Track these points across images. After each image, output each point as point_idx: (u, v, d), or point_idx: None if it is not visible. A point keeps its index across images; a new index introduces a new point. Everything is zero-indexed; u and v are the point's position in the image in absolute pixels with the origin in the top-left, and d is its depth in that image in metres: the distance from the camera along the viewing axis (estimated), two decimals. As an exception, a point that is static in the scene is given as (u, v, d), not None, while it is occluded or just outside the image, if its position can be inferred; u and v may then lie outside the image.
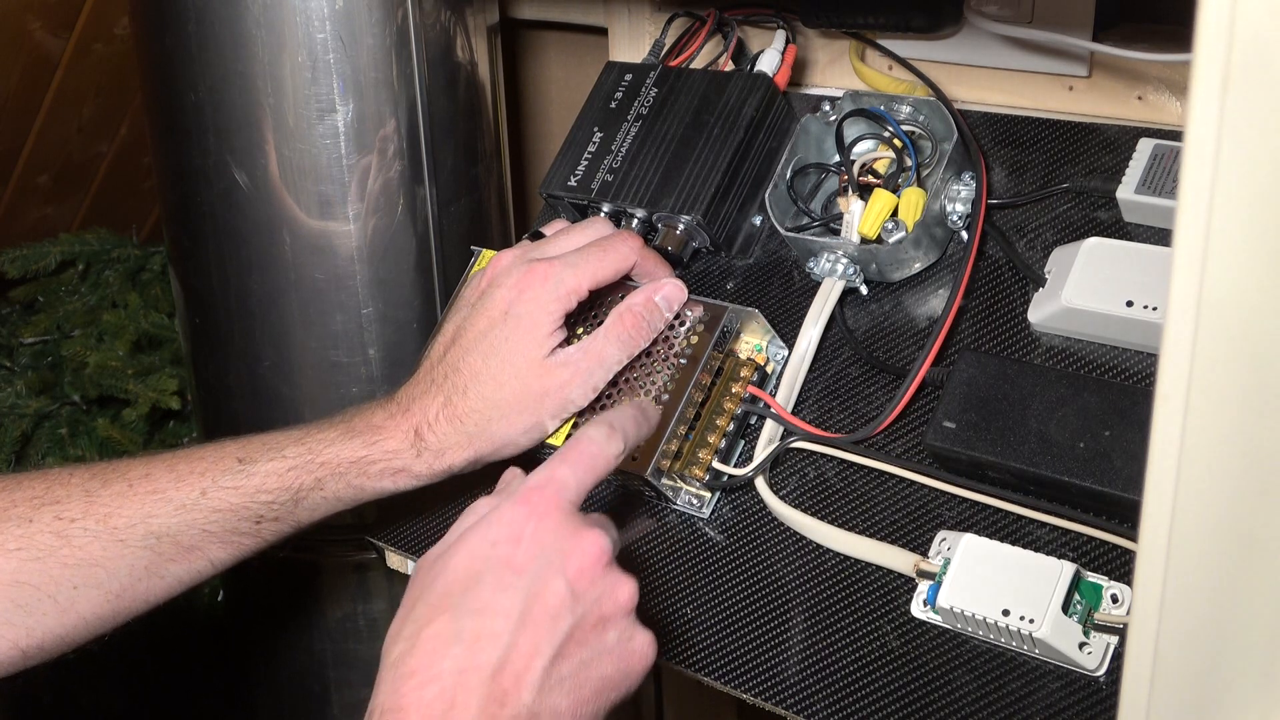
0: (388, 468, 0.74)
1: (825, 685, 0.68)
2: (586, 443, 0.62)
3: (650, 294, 0.76)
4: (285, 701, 1.26)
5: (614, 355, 0.75)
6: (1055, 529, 0.66)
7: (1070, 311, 0.70)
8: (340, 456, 0.73)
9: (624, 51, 1.03)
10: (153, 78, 1.05)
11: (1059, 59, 0.81)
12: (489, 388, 0.74)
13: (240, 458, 0.73)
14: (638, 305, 0.75)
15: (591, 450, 0.62)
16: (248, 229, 1.04)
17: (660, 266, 0.79)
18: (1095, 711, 0.62)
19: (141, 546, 0.71)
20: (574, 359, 0.74)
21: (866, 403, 0.75)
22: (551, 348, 0.74)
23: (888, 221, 0.75)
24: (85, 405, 1.51)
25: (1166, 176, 0.72)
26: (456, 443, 0.74)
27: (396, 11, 0.99)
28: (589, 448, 0.62)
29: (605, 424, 0.63)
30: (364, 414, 0.76)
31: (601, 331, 0.75)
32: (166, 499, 0.72)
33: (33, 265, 1.56)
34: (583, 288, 0.75)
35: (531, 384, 0.74)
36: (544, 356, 0.74)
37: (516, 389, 0.74)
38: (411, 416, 0.74)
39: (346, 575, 1.18)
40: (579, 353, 0.74)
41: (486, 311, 0.75)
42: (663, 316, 0.76)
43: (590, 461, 0.61)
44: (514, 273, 0.75)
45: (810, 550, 0.72)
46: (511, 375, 0.73)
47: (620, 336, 0.75)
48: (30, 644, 0.70)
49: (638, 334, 0.75)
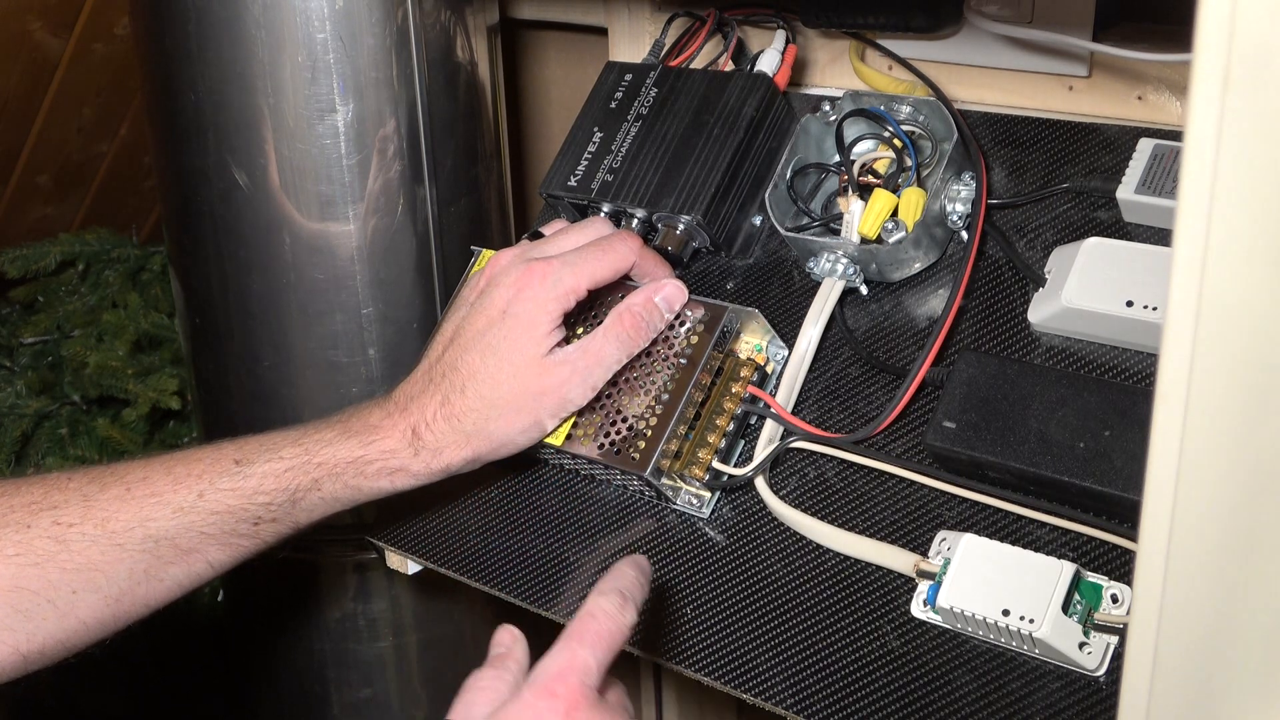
0: (385, 467, 0.74)
1: (825, 685, 0.68)
2: (603, 619, 0.59)
3: (650, 294, 0.76)
4: (285, 701, 1.26)
5: (613, 355, 0.74)
6: (1055, 529, 0.66)
7: (1070, 311, 0.70)
8: (337, 457, 0.73)
9: (624, 51, 1.03)
10: (153, 78, 1.05)
11: (1059, 59, 0.81)
12: (486, 386, 0.73)
13: (237, 459, 0.73)
14: (637, 305, 0.75)
15: (609, 627, 0.59)
16: (248, 229, 1.04)
17: (660, 266, 0.79)
18: (1095, 711, 0.62)
19: (140, 550, 0.71)
20: (572, 358, 0.74)
21: (866, 403, 0.75)
22: (550, 347, 0.74)
23: (888, 221, 0.75)
24: (85, 405, 1.51)
25: (1166, 176, 0.72)
26: (454, 442, 0.74)
27: (396, 11, 0.99)
28: (606, 624, 0.59)
29: (616, 594, 0.60)
30: (361, 414, 0.75)
31: (600, 331, 0.75)
32: (164, 502, 0.72)
33: (33, 265, 1.56)
34: (581, 287, 0.75)
35: (529, 383, 0.73)
36: (542, 355, 0.73)
37: (514, 388, 0.73)
38: (409, 415, 0.74)
39: (346, 575, 1.18)
40: (577, 352, 0.74)
41: (485, 310, 0.75)
42: (662, 317, 0.76)
43: (609, 640, 0.58)
44: (512, 272, 0.75)
45: (810, 550, 0.72)
46: (509, 374, 0.73)
47: (619, 336, 0.74)
48: (31, 649, 0.70)
49: (637, 334, 0.75)
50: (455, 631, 1.23)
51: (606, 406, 0.76)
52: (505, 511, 0.83)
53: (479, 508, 0.84)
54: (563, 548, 0.80)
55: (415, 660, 1.21)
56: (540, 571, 0.79)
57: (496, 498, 0.84)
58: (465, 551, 0.83)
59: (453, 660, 1.22)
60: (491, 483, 0.85)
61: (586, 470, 0.80)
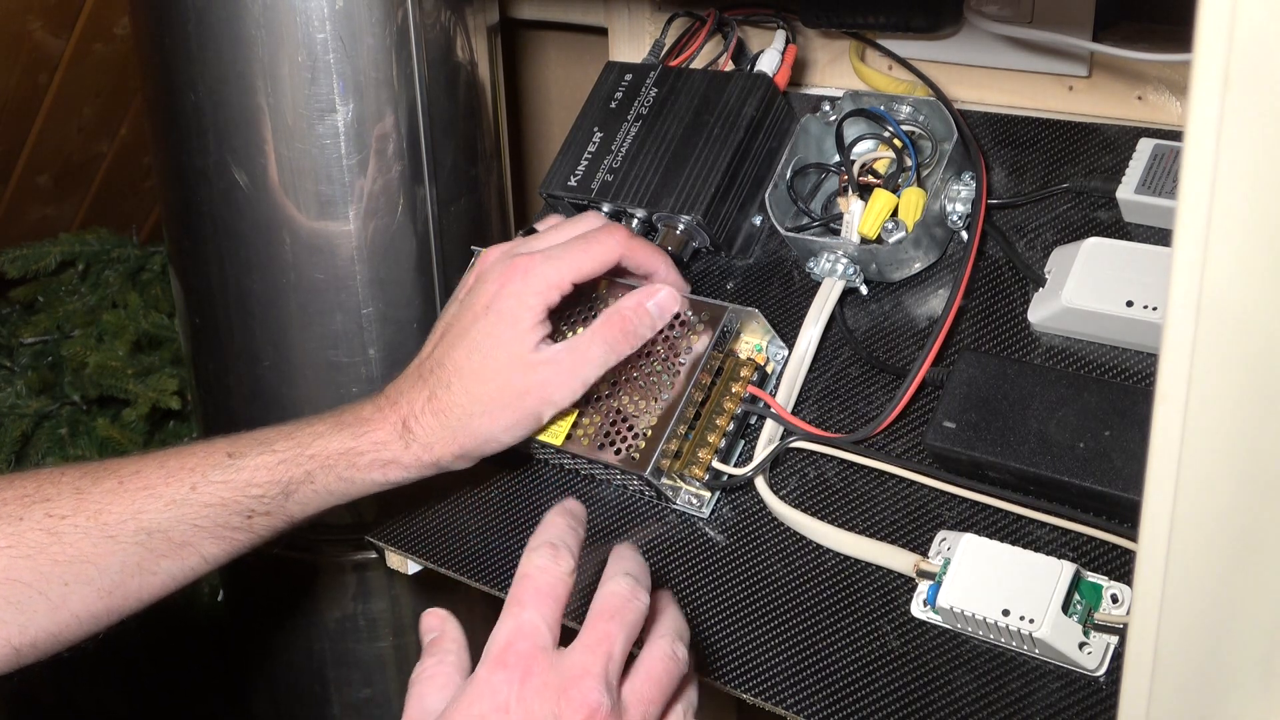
0: (376, 459, 0.74)
1: (825, 685, 0.68)
2: (538, 574, 0.58)
3: (643, 299, 0.75)
4: (285, 701, 1.26)
5: (599, 356, 0.74)
6: (1055, 529, 0.66)
7: (1070, 311, 0.70)
8: (329, 449, 0.73)
9: (624, 51, 1.03)
10: (153, 78, 1.05)
11: (1059, 59, 0.81)
12: (471, 382, 0.73)
13: (230, 453, 0.73)
14: (628, 309, 0.75)
15: (546, 580, 0.58)
16: (248, 229, 1.04)
17: (654, 257, 0.78)
18: (1095, 711, 0.62)
19: (132, 543, 0.71)
20: (558, 357, 0.73)
21: (866, 403, 0.75)
22: (534, 343, 0.73)
23: (888, 221, 0.75)
24: (85, 405, 1.51)
25: (1166, 176, 0.72)
26: (441, 437, 0.73)
27: (396, 11, 0.99)
28: (541, 578, 0.58)
29: (545, 546, 0.60)
30: (353, 408, 0.76)
31: (589, 331, 0.74)
32: (156, 495, 0.72)
33: (33, 265, 1.56)
34: (565, 281, 0.74)
35: (513, 380, 0.73)
36: (527, 352, 0.73)
37: (499, 384, 0.73)
38: (399, 409, 0.74)
39: (346, 575, 1.18)
40: (564, 351, 0.73)
41: (471, 307, 0.75)
42: (652, 323, 0.75)
43: (550, 594, 0.58)
44: (497, 268, 0.75)
45: (810, 550, 0.72)
46: (493, 371, 0.73)
47: (606, 339, 0.74)
48: (23, 642, 0.70)
49: (624, 338, 0.74)
50: (455, 631, 1.22)
51: (606, 406, 0.76)
52: (505, 511, 0.83)
53: (479, 508, 0.84)
54: (563, 548, 0.80)
55: (415, 660, 1.21)
56: (540, 571, 0.79)
57: (496, 498, 0.84)
58: (465, 551, 0.83)
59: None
60: (491, 483, 0.85)
61: (586, 470, 0.80)
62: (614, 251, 0.76)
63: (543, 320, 0.74)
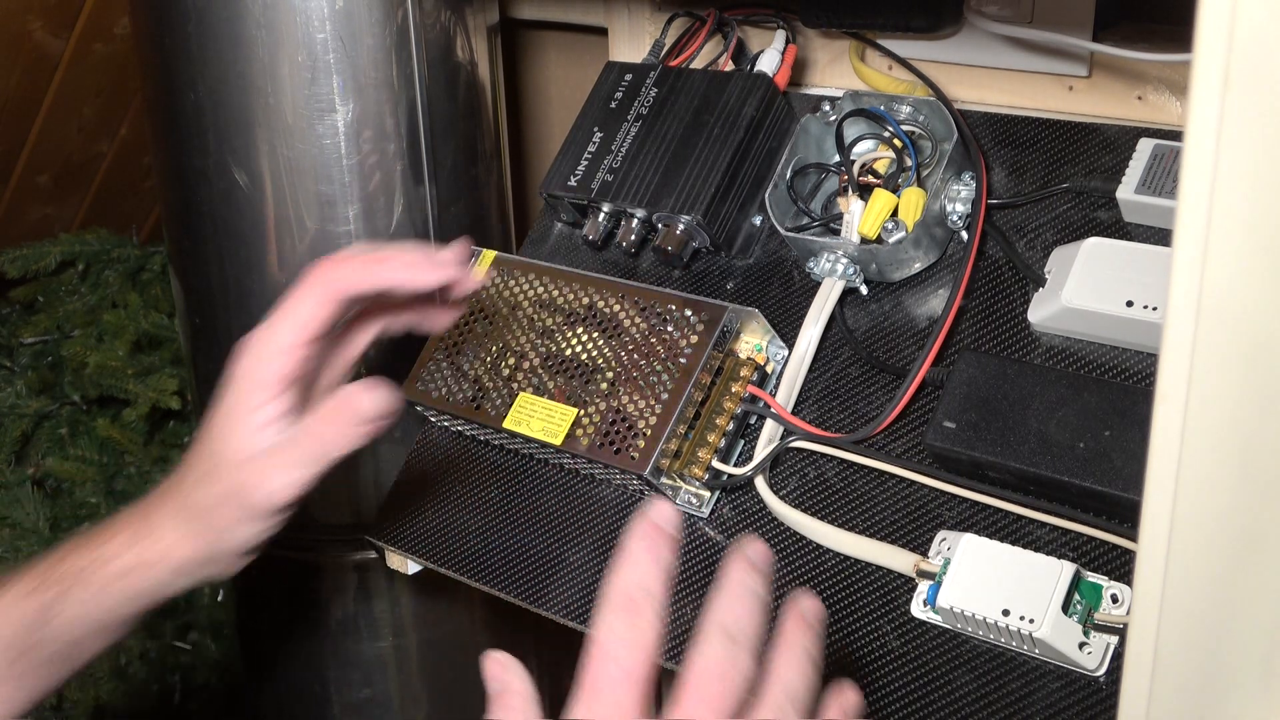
0: (123, 566, 0.68)
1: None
2: (615, 647, 0.49)
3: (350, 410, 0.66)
4: (285, 701, 1.26)
5: (322, 449, 0.65)
6: (1055, 529, 0.66)
7: (1070, 311, 0.70)
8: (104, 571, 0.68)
9: (624, 51, 1.03)
10: (153, 78, 1.05)
11: (1059, 59, 0.81)
12: (205, 478, 0.68)
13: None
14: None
15: (626, 658, 0.49)
16: (248, 229, 1.04)
17: (385, 267, 0.70)
18: (1095, 711, 0.62)
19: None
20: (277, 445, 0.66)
21: (866, 403, 0.75)
22: (254, 427, 0.67)
23: (888, 221, 0.75)
24: (85, 405, 1.51)
25: (1166, 176, 0.72)
26: (180, 535, 0.68)
27: (396, 11, 0.99)
28: (621, 654, 0.49)
29: (624, 604, 0.50)
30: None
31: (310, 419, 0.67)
32: None
33: (33, 265, 1.56)
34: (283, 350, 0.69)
35: (232, 474, 0.66)
36: (243, 439, 0.67)
37: (225, 481, 0.67)
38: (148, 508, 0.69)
39: (346, 575, 1.18)
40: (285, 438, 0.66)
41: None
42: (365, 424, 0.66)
43: (628, 678, 0.49)
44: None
45: (810, 550, 0.72)
46: (216, 463, 0.67)
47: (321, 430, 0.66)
48: None
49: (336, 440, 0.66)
50: (455, 631, 1.23)
51: (606, 406, 0.76)
52: (505, 511, 0.83)
53: (479, 508, 0.84)
54: (562, 547, 0.80)
55: (415, 660, 1.21)
56: (540, 571, 0.79)
57: (496, 498, 0.84)
58: (465, 551, 0.83)
59: (453, 660, 1.22)
60: (491, 483, 0.85)
61: (586, 470, 0.80)
62: (304, 302, 0.70)
63: (273, 397, 0.68)
